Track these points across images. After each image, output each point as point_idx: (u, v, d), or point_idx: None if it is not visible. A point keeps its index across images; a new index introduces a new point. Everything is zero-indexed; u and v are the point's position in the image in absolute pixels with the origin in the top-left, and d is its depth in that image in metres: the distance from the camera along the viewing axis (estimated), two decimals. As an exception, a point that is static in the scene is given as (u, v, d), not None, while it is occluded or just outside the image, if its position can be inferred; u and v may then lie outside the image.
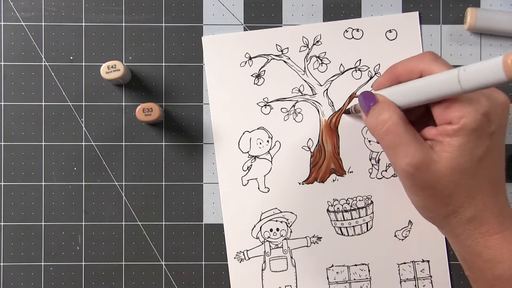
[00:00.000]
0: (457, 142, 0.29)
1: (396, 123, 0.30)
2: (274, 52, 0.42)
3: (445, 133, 0.29)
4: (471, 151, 0.29)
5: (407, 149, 0.30)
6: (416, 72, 0.32)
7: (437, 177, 0.29)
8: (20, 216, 0.42)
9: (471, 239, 0.31)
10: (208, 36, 0.42)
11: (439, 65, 0.30)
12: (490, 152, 0.30)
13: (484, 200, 0.30)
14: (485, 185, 0.30)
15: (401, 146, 0.30)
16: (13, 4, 0.42)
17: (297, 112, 0.42)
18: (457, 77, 0.27)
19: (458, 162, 0.29)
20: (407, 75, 0.32)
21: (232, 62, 0.42)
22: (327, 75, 0.42)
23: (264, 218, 0.42)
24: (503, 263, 0.30)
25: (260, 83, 0.42)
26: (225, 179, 0.42)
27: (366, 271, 0.42)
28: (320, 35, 0.42)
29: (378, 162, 0.42)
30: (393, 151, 0.30)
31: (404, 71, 0.32)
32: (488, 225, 0.30)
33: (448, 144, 0.29)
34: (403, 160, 0.30)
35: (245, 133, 0.42)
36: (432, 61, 0.31)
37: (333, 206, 0.42)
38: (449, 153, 0.29)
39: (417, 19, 0.42)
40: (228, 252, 0.42)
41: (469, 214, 0.30)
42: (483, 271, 0.31)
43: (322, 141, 0.42)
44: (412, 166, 0.29)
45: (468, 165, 0.29)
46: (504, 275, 0.30)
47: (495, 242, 0.30)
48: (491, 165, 0.30)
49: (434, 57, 0.31)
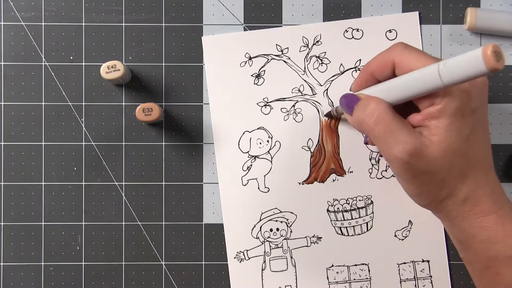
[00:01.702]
0: (443, 123, 0.29)
1: (384, 112, 0.30)
2: (274, 52, 0.42)
3: (430, 116, 0.29)
4: (458, 130, 0.29)
5: (399, 136, 0.30)
6: (388, 64, 0.31)
7: (430, 161, 0.29)
8: (20, 216, 0.42)
9: (466, 220, 0.31)
10: (208, 36, 0.42)
11: (409, 52, 0.30)
12: (476, 130, 0.30)
13: (476, 179, 0.30)
14: (475, 164, 0.30)
15: (392, 134, 0.30)
16: (13, 4, 0.42)
17: (297, 112, 0.42)
18: (438, 72, 0.27)
19: (447, 143, 0.29)
20: (381, 69, 0.32)
21: (232, 62, 0.42)
22: (327, 75, 0.42)
23: (264, 218, 0.42)
24: (498, 244, 0.30)
25: (260, 83, 0.42)
26: (225, 179, 0.42)
27: (366, 271, 0.42)
28: (320, 35, 0.42)
29: (378, 162, 0.42)
30: (384, 141, 0.30)
31: (377, 66, 0.32)
32: (482, 205, 0.30)
33: (435, 127, 0.29)
34: (396, 148, 0.30)
35: (245, 133, 0.42)
36: (402, 49, 0.31)
37: (333, 206, 0.42)
38: (437, 136, 0.29)
39: (417, 19, 0.42)
40: (228, 252, 0.42)
41: (463, 195, 0.30)
42: (478, 252, 0.31)
43: (322, 141, 0.42)
44: (405, 153, 0.29)
45: (457, 145, 0.29)
46: (499, 256, 0.30)
47: (490, 222, 0.30)
48: (478, 143, 0.30)
49: (404, 45, 0.31)
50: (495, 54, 0.24)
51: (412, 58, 0.30)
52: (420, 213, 0.41)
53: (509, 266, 0.30)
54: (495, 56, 0.24)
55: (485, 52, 0.24)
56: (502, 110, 0.42)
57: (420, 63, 0.29)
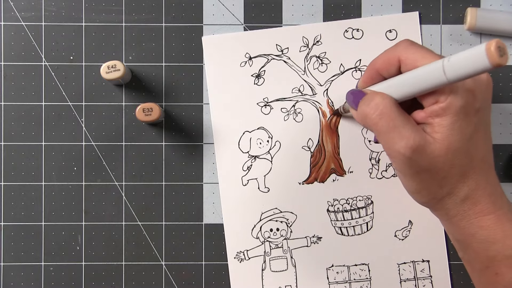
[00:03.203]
0: (446, 121, 0.29)
1: (389, 106, 0.30)
2: (274, 52, 0.42)
3: (434, 113, 0.29)
4: (461, 129, 0.29)
5: (403, 132, 0.29)
6: (394, 61, 0.31)
7: (432, 158, 0.29)
8: (20, 216, 0.42)
9: (465, 220, 0.31)
10: (208, 36, 0.42)
11: (415, 48, 0.30)
12: (478, 130, 0.30)
13: (477, 179, 0.30)
14: (476, 163, 0.30)
15: (396, 129, 0.30)
16: (13, 4, 0.42)
17: (297, 112, 0.42)
18: (442, 68, 0.27)
19: (450, 141, 0.29)
20: (387, 66, 0.32)
21: (232, 62, 0.42)
22: (327, 75, 0.42)
23: (264, 218, 0.42)
24: (497, 244, 0.30)
25: (260, 83, 0.42)
26: (225, 179, 0.42)
27: (366, 271, 0.42)
28: (320, 35, 0.42)
29: (378, 162, 0.42)
30: (388, 135, 0.30)
31: (383, 63, 0.32)
32: (481, 205, 0.30)
33: (439, 124, 0.29)
34: (399, 143, 0.29)
35: (245, 133, 0.42)
36: (407, 46, 0.31)
37: (333, 206, 0.42)
38: (440, 134, 0.29)
39: (417, 19, 0.42)
40: (228, 252, 0.42)
41: (463, 194, 0.30)
42: (477, 252, 0.31)
43: (322, 141, 0.42)
44: (409, 148, 0.29)
45: (460, 144, 0.29)
46: (498, 256, 0.30)
47: (489, 222, 0.30)
48: (480, 143, 0.30)
49: (409, 42, 0.31)
50: (498, 50, 0.24)
51: (417, 55, 0.30)
52: (420, 213, 0.41)
53: (507, 266, 0.30)
54: (498, 52, 0.24)
55: (489, 48, 0.24)
56: (502, 110, 0.42)
57: (426, 60, 0.29)
